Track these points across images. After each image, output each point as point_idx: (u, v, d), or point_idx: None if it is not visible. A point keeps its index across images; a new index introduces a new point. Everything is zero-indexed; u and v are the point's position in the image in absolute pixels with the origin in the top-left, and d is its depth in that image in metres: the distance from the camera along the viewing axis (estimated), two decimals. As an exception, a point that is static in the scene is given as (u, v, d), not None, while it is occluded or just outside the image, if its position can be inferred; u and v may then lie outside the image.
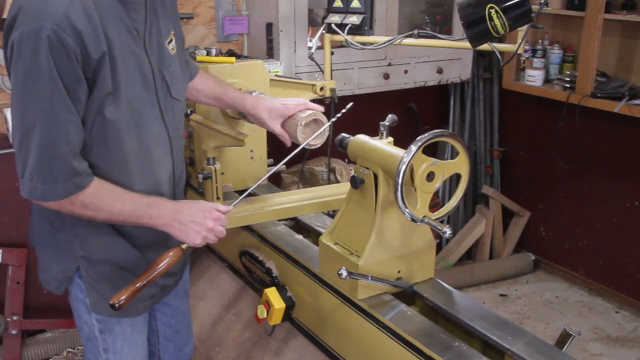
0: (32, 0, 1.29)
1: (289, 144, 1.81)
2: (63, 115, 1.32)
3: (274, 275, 1.92)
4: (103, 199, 1.42)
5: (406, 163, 1.38)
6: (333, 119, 1.79)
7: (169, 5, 1.61)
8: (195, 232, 1.49)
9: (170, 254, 1.49)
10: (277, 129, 1.81)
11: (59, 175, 1.35)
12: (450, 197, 2.20)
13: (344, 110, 1.79)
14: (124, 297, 1.41)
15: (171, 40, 1.60)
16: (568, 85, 3.36)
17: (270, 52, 2.96)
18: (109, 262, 1.56)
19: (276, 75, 2.48)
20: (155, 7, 1.53)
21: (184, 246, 1.51)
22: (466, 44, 2.00)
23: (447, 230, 1.40)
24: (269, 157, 2.40)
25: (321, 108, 1.81)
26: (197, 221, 1.49)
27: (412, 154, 1.38)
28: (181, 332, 1.91)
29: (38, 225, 1.61)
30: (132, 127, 1.45)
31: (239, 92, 1.91)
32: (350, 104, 1.75)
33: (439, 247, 3.90)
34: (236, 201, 1.66)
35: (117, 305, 1.41)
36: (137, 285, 1.44)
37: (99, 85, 1.36)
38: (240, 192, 2.31)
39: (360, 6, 2.46)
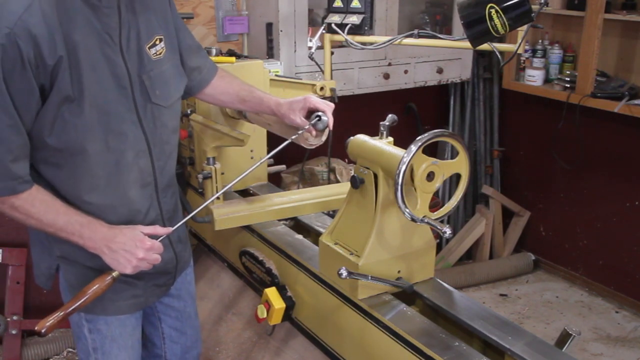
0: None
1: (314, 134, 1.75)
2: (3, 120, 1.30)
3: (274, 275, 1.92)
4: (35, 206, 1.40)
5: (406, 163, 1.38)
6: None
7: (159, 11, 1.57)
8: (126, 260, 1.46)
9: (100, 281, 1.47)
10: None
11: None
12: (450, 197, 2.20)
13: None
14: (48, 323, 1.42)
15: (154, 45, 1.55)
16: (568, 85, 3.36)
17: (270, 52, 2.96)
18: (83, 265, 1.55)
19: (276, 75, 2.48)
20: (134, 11, 1.49)
21: (114, 274, 1.48)
22: (466, 44, 2.00)
23: (447, 230, 1.40)
24: (269, 157, 2.40)
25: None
26: (128, 250, 1.46)
27: (412, 154, 1.38)
28: (187, 334, 1.89)
29: None
30: (98, 130, 1.42)
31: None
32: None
33: (439, 247, 3.90)
34: (178, 225, 1.62)
35: (42, 332, 1.41)
36: (62, 313, 1.44)
37: (57, 90, 1.34)
38: (240, 192, 2.32)
39: (360, 6, 2.46)
